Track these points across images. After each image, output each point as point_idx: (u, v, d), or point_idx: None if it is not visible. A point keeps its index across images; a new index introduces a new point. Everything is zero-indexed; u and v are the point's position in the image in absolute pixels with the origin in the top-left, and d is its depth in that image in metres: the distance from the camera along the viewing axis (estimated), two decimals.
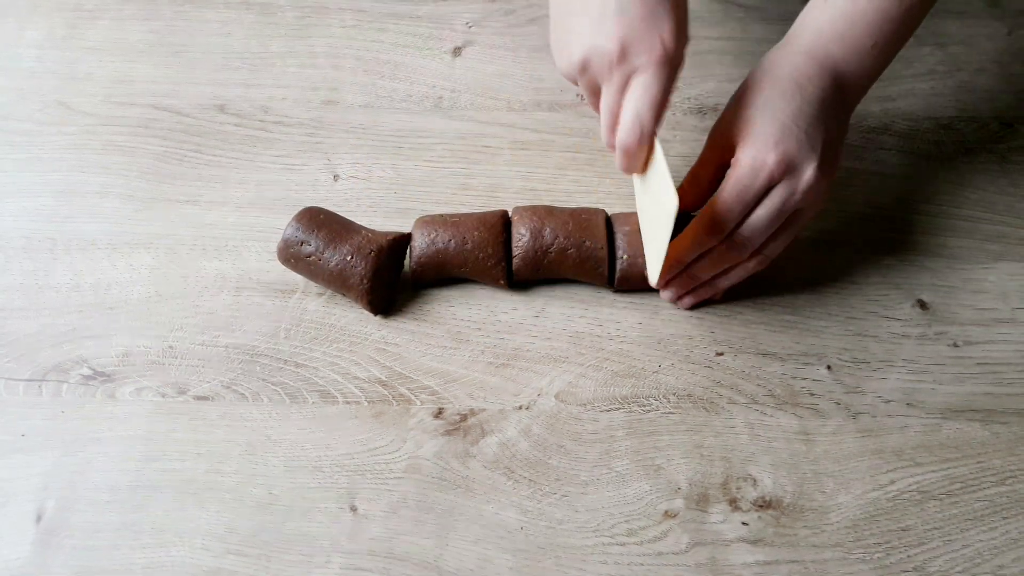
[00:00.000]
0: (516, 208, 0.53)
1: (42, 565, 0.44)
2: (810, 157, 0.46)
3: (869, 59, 0.49)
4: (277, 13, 0.68)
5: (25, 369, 0.50)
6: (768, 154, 0.46)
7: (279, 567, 0.44)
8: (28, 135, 0.60)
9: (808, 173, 0.46)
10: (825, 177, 0.47)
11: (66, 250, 0.55)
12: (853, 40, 0.48)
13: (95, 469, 0.47)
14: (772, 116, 0.47)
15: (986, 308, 0.54)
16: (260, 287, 0.54)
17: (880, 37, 0.48)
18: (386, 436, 0.48)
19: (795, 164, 0.46)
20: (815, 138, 0.47)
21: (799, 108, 0.47)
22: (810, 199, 0.47)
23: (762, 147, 0.46)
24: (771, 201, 0.47)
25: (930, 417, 0.50)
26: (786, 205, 0.47)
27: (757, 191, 0.47)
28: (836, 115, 0.48)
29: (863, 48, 0.48)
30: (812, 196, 0.47)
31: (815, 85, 0.47)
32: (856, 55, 0.48)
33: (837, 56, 0.48)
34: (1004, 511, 0.47)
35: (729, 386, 0.51)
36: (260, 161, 0.59)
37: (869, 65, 0.49)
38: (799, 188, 0.47)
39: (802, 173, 0.46)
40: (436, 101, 0.63)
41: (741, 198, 0.47)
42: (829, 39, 0.48)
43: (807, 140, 0.46)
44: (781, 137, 0.46)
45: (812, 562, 0.45)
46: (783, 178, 0.47)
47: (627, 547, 0.45)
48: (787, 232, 0.49)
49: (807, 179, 0.46)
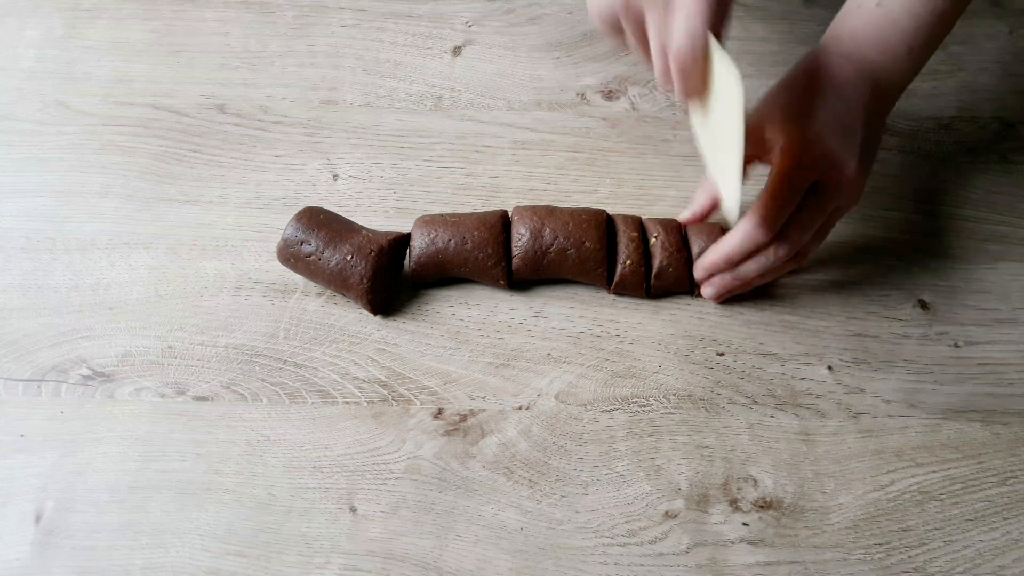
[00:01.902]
0: (516, 208, 0.53)
1: (41, 565, 0.44)
2: (850, 156, 0.47)
3: (904, 63, 0.49)
4: (276, 12, 0.67)
5: (24, 369, 0.50)
6: (812, 153, 0.47)
7: (278, 567, 0.44)
8: (28, 135, 0.60)
9: (849, 172, 0.48)
10: (863, 176, 0.48)
11: (65, 250, 0.55)
12: (889, 46, 0.49)
13: (94, 469, 0.47)
14: (815, 117, 0.48)
15: (987, 308, 0.54)
16: (260, 287, 0.54)
17: (915, 42, 0.49)
18: (386, 436, 0.48)
19: (837, 163, 0.47)
20: (854, 138, 0.48)
21: (840, 110, 0.48)
22: (850, 197, 0.49)
23: (807, 146, 0.47)
24: (816, 199, 0.48)
25: (931, 417, 0.50)
26: (829, 203, 0.48)
27: (801, 189, 0.48)
28: (873, 117, 0.49)
29: (898, 53, 0.49)
30: (852, 194, 0.49)
31: (854, 88, 0.48)
32: (892, 60, 0.49)
33: (874, 61, 0.49)
34: (1005, 511, 0.47)
35: (730, 386, 0.51)
36: (259, 161, 0.59)
37: (904, 69, 0.50)
38: (841, 186, 0.48)
39: (843, 172, 0.48)
40: (436, 101, 0.63)
41: (787, 196, 0.48)
42: (865, 44, 0.49)
43: (848, 140, 0.47)
44: (824, 137, 0.47)
45: (813, 563, 0.45)
46: (825, 177, 0.48)
47: (627, 548, 0.45)
48: (825, 230, 0.50)
49: (848, 178, 0.48)
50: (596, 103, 0.63)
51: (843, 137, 0.47)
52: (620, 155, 0.53)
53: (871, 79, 0.49)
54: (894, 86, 0.50)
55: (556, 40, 0.66)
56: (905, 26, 0.49)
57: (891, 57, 0.49)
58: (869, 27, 0.49)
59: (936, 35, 0.49)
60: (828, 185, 0.48)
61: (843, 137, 0.47)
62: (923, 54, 0.50)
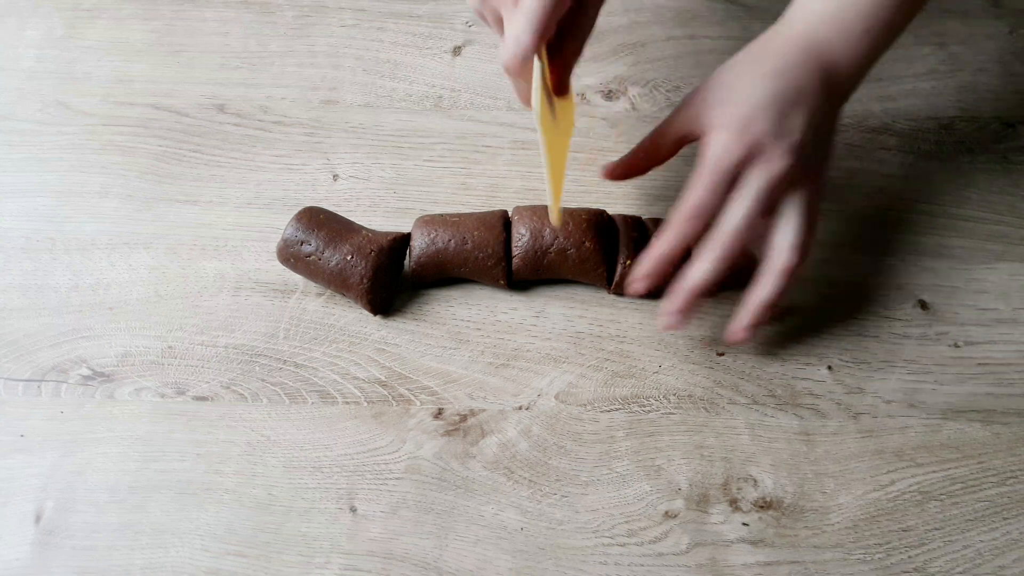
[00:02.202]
0: (516, 208, 0.53)
1: (41, 565, 0.44)
2: (782, 141, 0.45)
3: (861, 45, 0.47)
4: (276, 12, 0.67)
5: (24, 369, 0.50)
6: (735, 141, 0.45)
7: (278, 567, 0.44)
8: (28, 135, 0.60)
9: (781, 157, 0.45)
10: (801, 162, 0.46)
11: (65, 250, 0.55)
12: (843, 24, 0.47)
13: (94, 469, 0.47)
14: (746, 99, 0.46)
15: (987, 308, 0.54)
16: (259, 287, 0.54)
17: (873, 22, 0.47)
18: (386, 436, 0.48)
19: (765, 148, 0.45)
20: (791, 122, 0.45)
21: (777, 92, 0.46)
22: (786, 184, 0.46)
23: (730, 133, 0.45)
24: (747, 188, 0.46)
25: (931, 417, 0.50)
26: (763, 192, 0.45)
27: (727, 176, 0.45)
28: (821, 102, 0.47)
29: (853, 33, 0.47)
30: (788, 181, 0.46)
31: (800, 68, 0.46)
32: (846, 40, 0.47)
33: (826, 41, 0.47)
34: (1005, 511, 0.47)
35: (730, 386, 0.51)
36: (259, 161, 0.59)
37: (861, 51, 0.48)
38: (774, 173, 0.45)
39: (773, 157, 0.45)
40: (436, 101, 0.63)
41: (712, 183, 0.45)
42: (819, 23, 0.47)
43: (781, 123, 0.45)
44: (752, 121, 0.45)
45: (813, 563, 0.45)
46: (754, 163, 0.45)
47: (627, 548, 0.45)
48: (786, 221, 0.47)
49: (781, 164, 0.45)
50: (596, 103, 0.63)
51: (777, 120, 0.45)
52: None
53: (821, 60, 0.47)
54: (848, 71, 0.48)
55: None
56: (862, 5, 0.47)
57: (845, 36, 0.47)
58: (826, 4, 0.48)
59: (897, 18, 0.47)
60: (761, 172, 0.45)
61: (777, 120, 0.45)
62: (882, 37, 0.48)
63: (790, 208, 0.47)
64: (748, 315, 0.48)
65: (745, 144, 0.45)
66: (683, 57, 0.65)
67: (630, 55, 0.66)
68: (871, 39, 0.47)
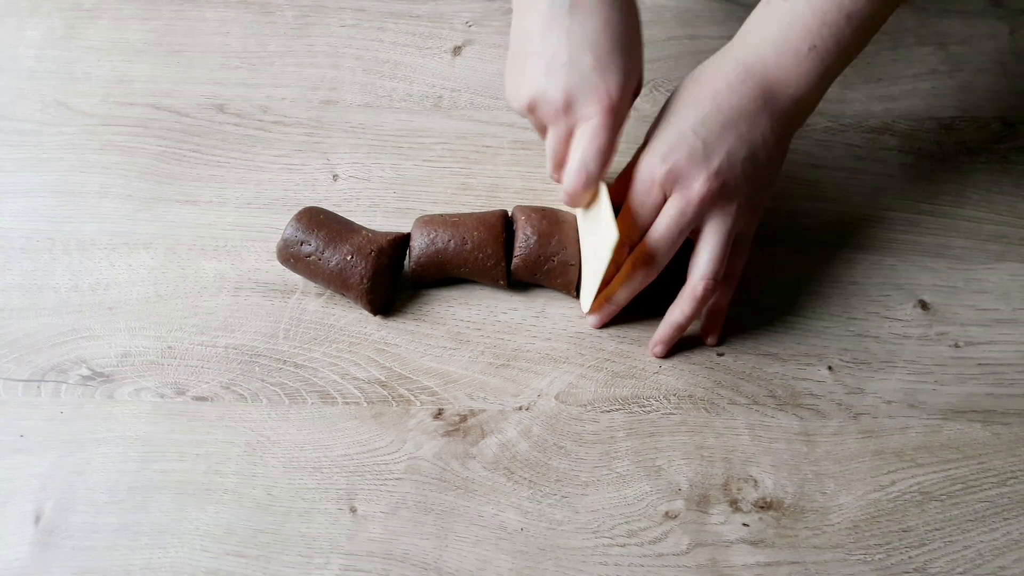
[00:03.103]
0: (521, 207, 0.52)
1: (41, 565, 0.44)
2: (702, 168, 0.45)
3: (806, 64, 0.46)
4: (276, 12, 0.67)
5: (24, 369, 0.50)
6: (657, 165, 0.46)
7: (278, 568, 0.44)
8: (28, 135, 0.60)
9: (699, 185, 0.45)
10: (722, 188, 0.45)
11: (65, 250, 0.55)
12: (788, 45, 0.46)
13: (94, 470, 0.47)
14: (674, 124, 0.46)
15: (988, 308, 0.54)
16: (259, 287, 0.53)
17: (819, 42, 0.45)
18: (385, 437, 0.48)
19: (684, 176, 0.45)
20: (716, 149, 0.45)
21: (705, 115, 0.45)
22: (704, 210, 0.46)
23: (654, 157, 0.46)
24: (666, 214, 0.46)
25: (931, 418, 0.50)
26: (683, 219, 0.46)
27: (653, 204, 0.46)
28: (759, 125, 0.46)
29: (800, 53, 0.46)
30: (706, 206, 0.46)
31: (735, 92, 0.46)
32: (792, 61, 0.46)
33: (772, 62, 0.46)
34: (1005, 512, 0.47)
35: (730, 387, 0.51)
36: (259, 161, 0.59)
37: (806, 71, 0.46)
38: (691, 200, 0.45)
39: (692, 186, 0.45)
40: (436, 100, 0.63)
41: (637, 210, 0.47)
42: (764, 44, 0.47)
43: (703, 150, 0.45)
44: (674, 146, 0.45)
45: (813, 563, 0.45)
46: (674, 188, 0.46)
47: (627, 548, 0.45)
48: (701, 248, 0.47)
49: (698, 192, 0.45)
50: None
51: (699, 147, 0.45)
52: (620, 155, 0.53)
53: (765, 81, 0.46)
54: (796, 90, 0.46)
55: None
56: (809, 23, 0.45)
57: (791, 57, 0.46)
58: (772, 24, 0.47)
59: (847, 40, 0.46)
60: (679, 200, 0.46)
61: (699, 147, 0.45)
62: (832, 58, 0.46)
63: (707, 235, 0.47)
64: (661, 333, 0.50)
65: (667, 168, 0.45)
66: (683, 57, 0.65)
67: None
68: (819, 60, 0.46)
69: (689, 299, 0.48)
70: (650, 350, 0.51)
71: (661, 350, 0.51)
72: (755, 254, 0.55)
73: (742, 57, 0.47)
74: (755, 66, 0.46)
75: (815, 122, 0.62)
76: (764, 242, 0.56)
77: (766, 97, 0.46)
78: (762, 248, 0.56)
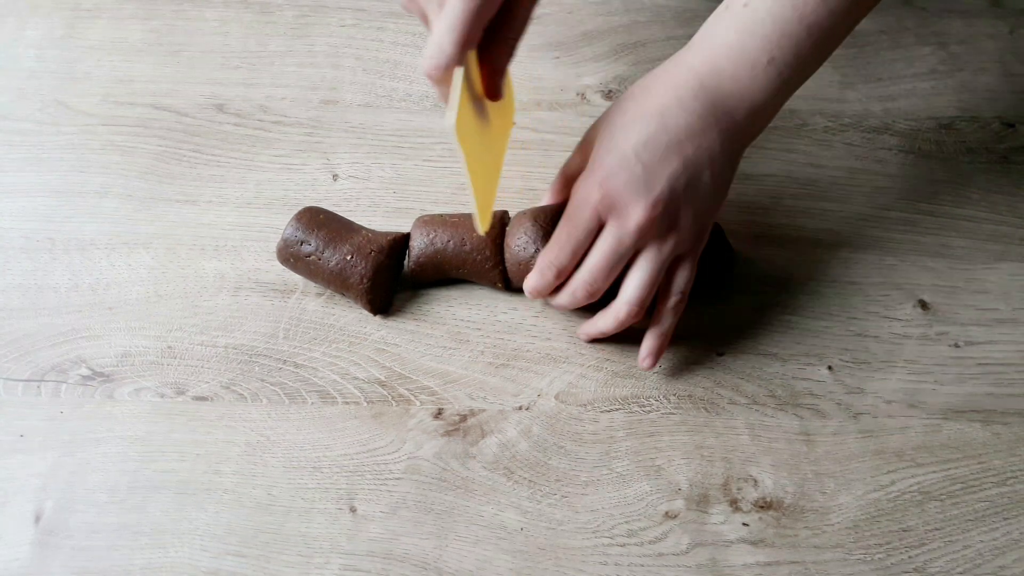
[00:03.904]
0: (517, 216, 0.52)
1: (41, 565, 0.44)
2: (640, 197, 0.43)
3: (764, 76, 0.44)
4: (276, 12, 0.67)
5: (24, 369, 0.50)
6: (594, 190, 0.44)
7: (278, 568, 0.44)
8: (28, 135, 0.60)
9: (637, 214, 0.43)
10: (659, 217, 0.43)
11: (65, 250, 0.55)
12: (745, 55, 0.43)
13: (94, 470, 0.47)
14: (615, 145, 0.44)
15: (987, 308, 0.54)
16: (259, 287, 0.53)
17: (778, 53, 0.43)
18: (385, 437, 0.48)
19: (622, 203, 0.43)
20: (656, 174, 0.43)
21: (649, 136, 0.43)
22: (639, 238, 0.44)
23: (592, 181, 0.44)
24: (602, 242, 0.45)
25: (931, 418, 0.50)
26: (619, 247, 0.44)
27: (587, 227, 0.45)
28: (707, 143, 0.44)
29: (758, 64, 0.43)
30: (641, 235, 0.44)
31: (684, 108, 0.43)
32: (749, 72, 0.44)
33: (727, 72, 0.44)
34: (1005, 512, 0.47)
35: (730, 387, 0.51)
36: (259, 161, 0.59)
37: (763, 84, 0.44)
38: (628, 229, 0.44)
39: (630, 214, 0.43)
40: (436, 100, 0.63)
41: (571, 233, 0.45)
42: (719, 53, 0.44)
43: (643, 176, 0.43)
44: (613, 172, 0.43)
45: (813, 563, 0.45)
46: (609, 216, 0.44)
47: (627, 548, 0.45)
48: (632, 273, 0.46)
49: (635, 221, 0.43)
50: (596, 103, 0.63)
51: (639, 173, 0.43)
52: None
53: (718, 93, 0.44)
54: (752, 103, 0.44)
55: (556, 40, 0.66)
56: (769, 32, 0.43)
57: (748, 68, 0.43)
58: (730, 30, 0.44)
59: (805, 52, 0.44)
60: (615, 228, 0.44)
61: (639, 173, 0.43)
62: (790, 71, 0.44)
63: (640, 261, 0.46)
64: (588, 329, 0.50)
65: (603, 194, 0.44)
66: None
67: (630, 55, 0.66)
68: (776, 72, 0.44)
69: (612, 318, 0.47)
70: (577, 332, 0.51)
71: (583, 338, 0.51)
72: (755, 254, 0.56)
73: (696, 67, 0.45)
74: (709, 79, 0.44)
75: (815, 122, 0.62)
76: (764, 242, 0.56)
77: (717, 114, 0.44)
78: (762, 248, 0.56)
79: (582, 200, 0.45)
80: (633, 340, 0.52)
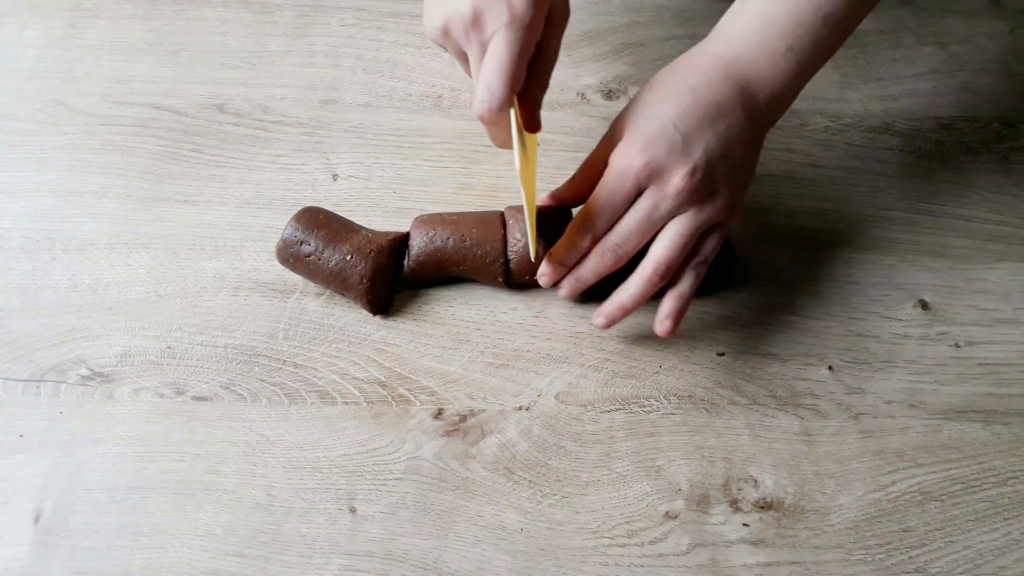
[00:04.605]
0: (512, 209, 0.52)
1: (41, 565, 0.44)
2: (681, 163, 0.44)
3: (783, 64, 0.46)
4: (276, 12, 0.67)
5: (23, 369, 0.50)
6: (636, 157, 0.45)
7: (277, 568, 0.44)
8: (28, 135, 0.60)
9: (677, 180, 0.44)
10: (696, 184, 0.45)
11: (64, 250, 0.55)
12: (764, 44, 0.46)
13: (93, 470, 0.47)
14: (652, 117, 0.45)
15: (988, 308, 0.54)
16: (259, 287, 0.53)
17: (796, 41, 0.46)
18: (385, 437, 0.48)
19: (663, 169, 0.45)
20: (694, 143, 0.45)
21: (684, 109, 0.45)
22: (677, 205, 0.45)
23: (633, 149, 0.45)
24: (639, 206, 0.46)
25: (931, 418, 0.50)
26: (655, 213, 0.45)
27: (625, 194, 0.46)
28: (737, 122, 0.46)
29: (776, 52, 0.46)
30: (679, 202, 0.45)
31: (713, 89, 0.45)
32: (768, 60, 0.46)
33: (748, 61, 0.46)
34: (1006, 512, 0.47)
35: (730, 387, 0.51)
36: (259, 160, 0.59)
37: (783, 71, 0.46)
38: (667, 194, 0.45)
39: (670, 179, 0.45)
40: (436, 100, 0.63)
41: (609, 200, 0.46)
42: (740, 43, 0.47)
43: (682, 145, 0.44)
44: (653, 140, 0.45)
45: (813, 563, 0.45)
46: (650, 183, 0.45)
47: (627, 548, 0.45)
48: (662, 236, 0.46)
49: (675, 186, 0.45)
50: (596, 103, 0.63)
51: (678, 141, 0.44)
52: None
53: (741, 79, 0.46)
54: (772, 89, 0.47)
55: None
56: (785, 24, 0.45)
57: (767, 56, 0.46)
58: (748, 23, 0.47)
59: (823, 41, 0.46)
60: (655, 193, 0.45)
61: (678, 141, 0.44)
62: (808, 58, 0.46)
63: (672, 226, 0.46)
64: (605, 308, 0.49)
65: (645, 160, 0.45)
66: None
67: (630, 55, 0.66)
68: (795, 59, 0.46)
69: (638, 281, 0.47)
70: (592, 319, 0.50)
71: (601, 323, 0.49)
72: (755, 254, 0.56)
73: (720, 54, 0.47)
74: (732, 66, 0.46)
75: (815, 122, 0.62)
76: (764, 242, 0.56)
77: (743, 95, 0.46)
78: (762, 248, 0.56)
79: (624, 167, 0.46)
80: (633, 340, 0.52)
